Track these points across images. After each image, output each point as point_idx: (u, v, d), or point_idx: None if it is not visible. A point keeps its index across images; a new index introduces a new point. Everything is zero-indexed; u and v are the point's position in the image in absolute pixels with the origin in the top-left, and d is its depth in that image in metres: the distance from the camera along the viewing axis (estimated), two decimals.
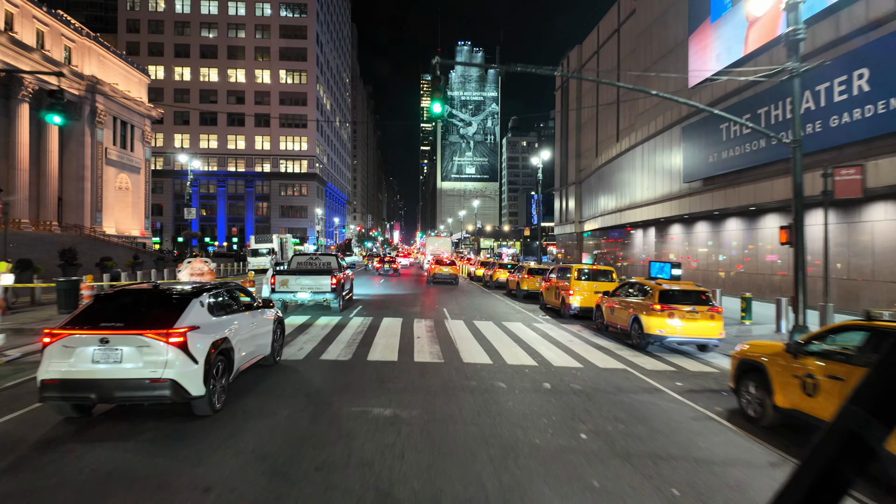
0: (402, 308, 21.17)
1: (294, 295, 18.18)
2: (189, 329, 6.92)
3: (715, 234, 27.15)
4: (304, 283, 18.19)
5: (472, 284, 36.70)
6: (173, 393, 6.67)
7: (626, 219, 35.04)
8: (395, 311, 19.86)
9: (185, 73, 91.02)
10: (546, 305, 22.43)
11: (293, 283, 18.17)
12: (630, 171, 34.27)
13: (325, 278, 18.29)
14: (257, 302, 9.83)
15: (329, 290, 18.31)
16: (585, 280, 19.34)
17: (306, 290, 18.24)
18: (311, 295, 18.23)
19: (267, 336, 9.73)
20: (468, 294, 28.95)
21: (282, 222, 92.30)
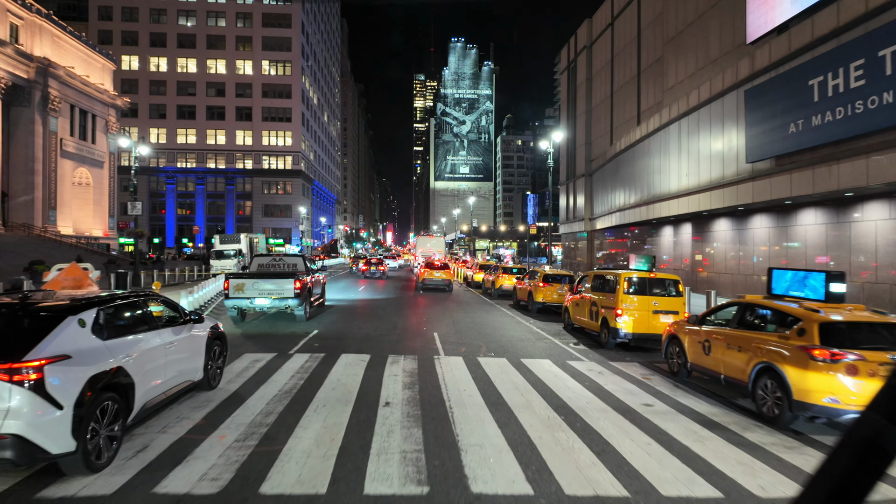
0: (377, 331, 15.00)
1: (251, 301, 15.66)
2: (50, 360, 5.04)
3: (780, 229, 21.11)
4: (262, 288, 15.73)
5: (470, 292, 30.53)
6: (17, 453, 4.74)
7: (653, 213, 28.98)
8: (364, 339, 13.68)
9: (161, 63, 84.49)
10: (572, 325, 16.35)
11: (250, 287, 15.66)
12: (660, 155, 28.18)
13: (287, 282, 15.80)
14: (185, 316, 7.99)
15: (292, 296, 15.78)
16: (637, 294, 13.22)
17: (265, 295, 15.71)
18: (272, 301, 15.72)
19: (196, 357, 7.96)
20: (466, 306, 22.81)
21: (265, 222, 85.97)
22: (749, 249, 22.95)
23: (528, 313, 20.60)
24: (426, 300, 24.73)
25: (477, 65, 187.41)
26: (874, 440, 0.85)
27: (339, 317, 18.49)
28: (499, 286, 26.71)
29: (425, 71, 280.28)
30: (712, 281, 24.91)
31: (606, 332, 13.60)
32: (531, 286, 21.06)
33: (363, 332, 15.01)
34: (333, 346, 12.65)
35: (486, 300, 25.73)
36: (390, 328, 15.76)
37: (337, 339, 13.79)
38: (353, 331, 15.18)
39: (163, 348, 6.94)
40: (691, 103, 24.72)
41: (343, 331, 15.22)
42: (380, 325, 16.43)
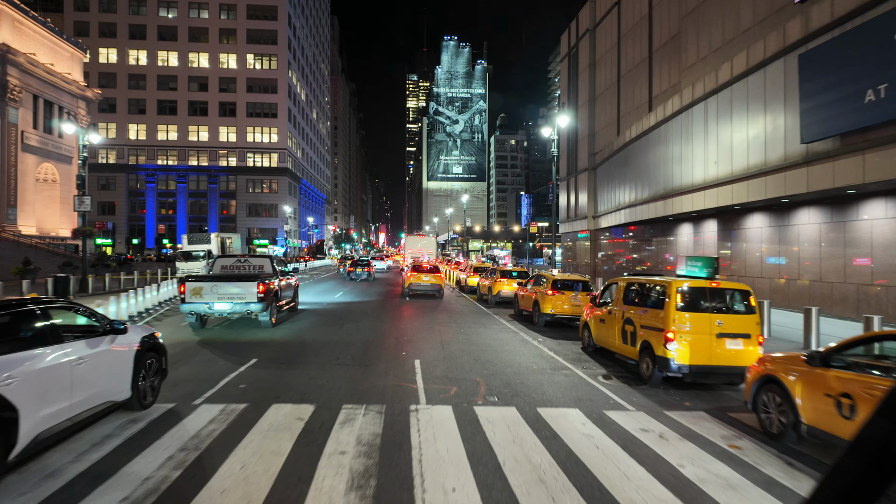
0: (341, 356, 11.20)
1: (210, 306, 14.35)
2: None
3: (835, 225, 17.47)
4: (222, 291, 14.39)
5: (463, 298, 26.78)
6: None
7: (670, 209, 25.32)
8: (318, 372, 9.88)
9: (140, 56, 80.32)
10: (594, 346, 12.66)
11: (209, 291, 14.34)
12: (680, 142, 24.51)
13: (249, 285, 14.46)
14: (106, 326, 6.83)
15: (255, 300, 14.43)
16: (693, 310, 9.54)
17: (226, 299, 14.36)
18: (232, 305, 14.38)
19: (120, 374, 6.86)
20: (458, 317, 19.05)
21: (249, 222, 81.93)
22: (792, 250, 19.29)
23: (534, 327, 16.86)
24: (412, 309, 20.93)
25: (470, 63, 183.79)
26: (884, 445, 0.83)
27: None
28: (496, 292, 22.95)
29: (418, 71, 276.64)
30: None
31: (650, 363, 9.87)
32: (537, 294, 17.31)
33: (322, 356, 11.23)
34: (270, 384, 8.86)
35: (481, 309, 21.97)
36: (359, 352, 11.96)
37: (284, 367, 10.01)
38: (309, 355, 11.38)
39: (68, 366, 5.93)
40: (721, 79, 21.04)
41: (297, 353, 11.43)
42: (349, 344, 12.64)
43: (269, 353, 11.65)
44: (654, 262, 31.51)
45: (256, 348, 12.20)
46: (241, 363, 10.51)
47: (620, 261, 36.94)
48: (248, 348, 12.20)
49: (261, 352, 11.79)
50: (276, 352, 11.89)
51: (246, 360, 10.76)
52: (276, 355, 11.48)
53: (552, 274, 17.73)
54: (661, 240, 30.25)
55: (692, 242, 26.73)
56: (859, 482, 0.85)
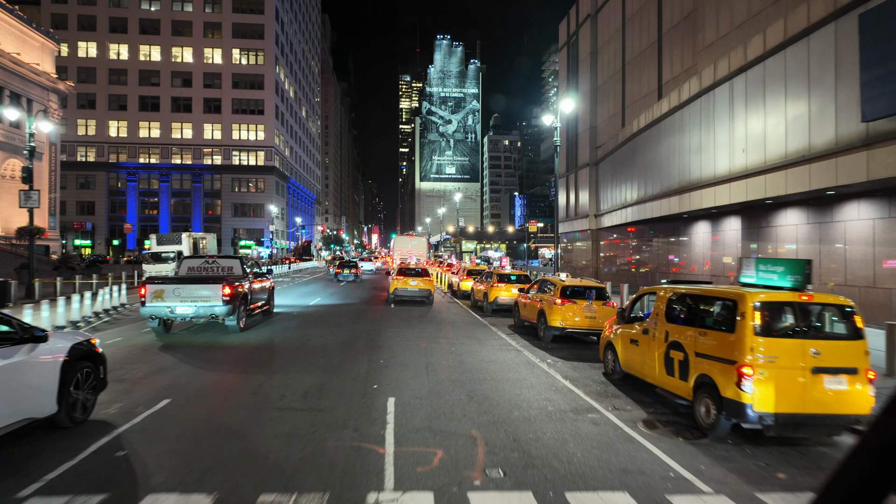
0: (292, 386, 8.34)
1: (172, 309, 13.34)
2: None
3: (893, 222, 14.72)
4: (186, 294, 13.40)
5: (456, 305, 23.97)
6: None
7: (686, 205, 22.59)
8: (250, 418, 7.02)
9: (121, 50, 76.97)
10: (621, 373, 9.92)
11: (171, 293, 13.33)
12: (699, 130, 21.76)
13: (214, 287, 13.46)
14: (24, 334, 6.15)
15: (220, 303, 13.41)
16: (776, 335, 6.81)
17: (188, 302, 13.36)
18: (196, 309, 13.39)
19: (40, 388, 6.15)
20: (450, 330, 16.21)
21: (235, 222, 78.72)
22: (836, 250, 16.55)
23: (540, 343, 14.03)
24: (396, 319, 18.05)
25: (463, 63, 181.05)
26: (891, 444, 0.83)
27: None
28: (493, 298, 20.10)
29: (411, 72, 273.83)
30: None
31: (712, 407, 7.08)
32: (543, 302, 14.48)
33: (263, 393, 8.33)
34: (167, 447, 5.98)
35: (476, 318, 19.11)
36: (315, 386, 9.05)
37: (204, 409, 7.13)
38: (244, 393, 8.48)
39: None
40: (751, 55, 18.30)
41: (233, 388, 8.54)
42: (307, 369, 9.75)
43: (193, 387, 8.74)
44: (665, 264, 28.78)
45: (183, 376, 9.28)
46: (150, 403, 7.61)
47: (624, 262, 34.18)
48: (179, 371, 9.29)
49: (187, 381, 8.88)
50: (202, 383, 8.99)
51: (158, 400, 7.86)
52: (202, 387, 8.58)
53: (560, 279, 14.90)
54: (673, 240, 27.52)
55: (709, 242, 24.00)
56: (867, 481, 0.84)
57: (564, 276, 15.69)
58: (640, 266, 31.75)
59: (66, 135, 74.58)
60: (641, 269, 32.10)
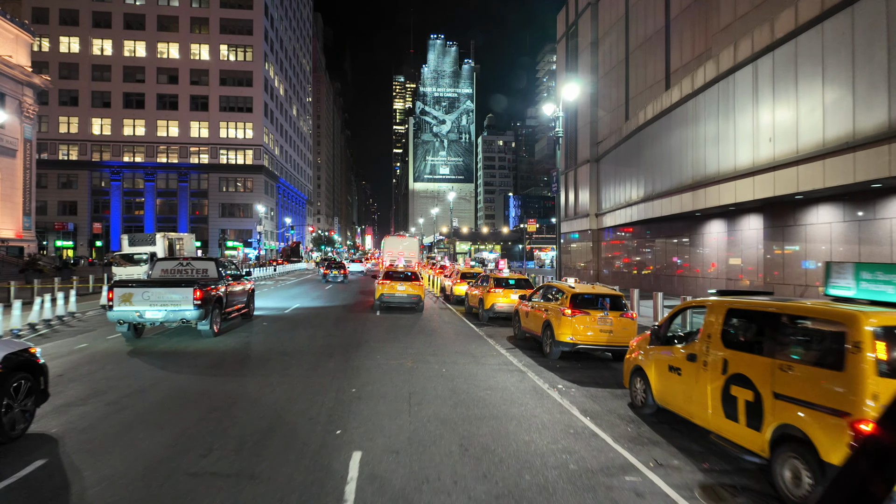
0: (218, 444, 6.14)
1: (141, 314, 12.60)
2: None
3: None
4: (155, 298, 12.71)
5: (448, 312, 21.82)
6: None
7: (699, 202, 20.53)
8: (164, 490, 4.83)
9: (105, 46, 74.43)
10: (654, 405, 7.86)
11: (140, 297, 12.64)
12: (716, 118, 19.68)
13: (185, 291, 12.76)
14: None
15: (191, 307, 12.74)
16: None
17: (158, 306, 12.68)
18: (166, 313, 12.68)
19: None
20: (440, 344, 14.07)
21: (222, 222, 76.28)
22: (881, 252, 14.49)
23: (546, 361, 11.90)
24: (379, 330, 15.87)
25: (457, 63, 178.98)
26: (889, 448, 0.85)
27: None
28: (490, 305, 17.95)
29: (405, 72, 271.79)
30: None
31: (804, 473, 4.98)
32: (549, 312, 12.35)
33: (181, 449, 6.13)
34: None
35: (470, 328, 16.95)
36: (261, 432, 6.86)
37: (80, 483, 4.93)
38: (173, 423, 6.28)
39: None
40: (781, 31, 16.23)
41: (165, 416, 6.35)
42: (253, 406, 7.57)
43: (100, 429, 6.52)
44: (671, 266, 26.73)
45: (99, 409, 7.06)
46: (19, 465, 5.41)
47: (629, 263, 32.10)
48: (104, 399, 7.07)
49: (100, 416, 6.67)
50: (121, 419, 6.77)
51: (31, 460, 5.66)
52: (112, 429, 6.38)
53: (568, 285, 12.76)
54: (683, 240, 25.48)
55: (724, 242, 21.95)
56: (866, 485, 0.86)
57: (573, 282, 13.56)
58: (645, 268, 29.71)
59: (48, 133, 72.05)
60: (643, 270, 30.06)
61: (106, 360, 10.90)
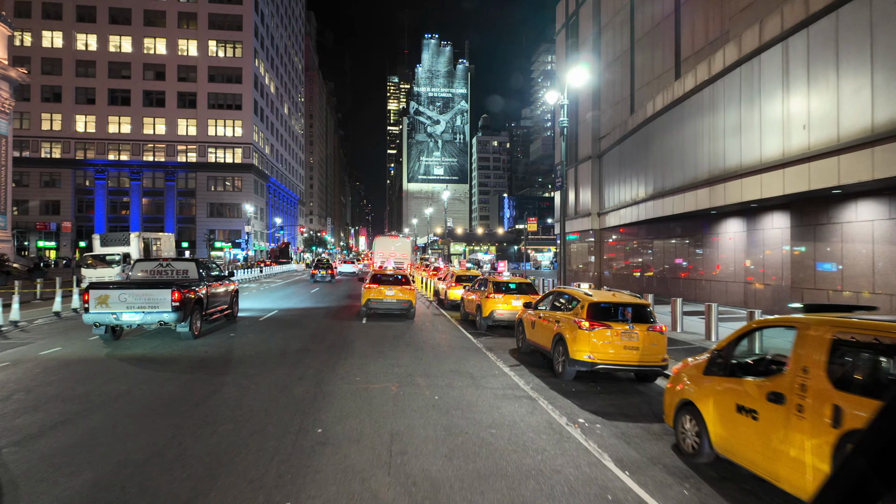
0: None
1: (118, 316, 12.29)
2: None
3: None
4: (132, 300, 12.39)
5: (442, 319, 19.90)
6: None
7: (721, 198, 18.64)
8: None
9: (89, 41, 72.07)
10: (712, 453, 5.91)
11: (116, 299, 12.31)
12: (738, 105, 17.80)
13: (163, 293, 12.45)
14: None
15: (169, 309, 12.45)
16: None
17: (135, 308, 12.37)
18: (143, 315, 12.38)
19: None
20: (433, 361, 12.15)
21: (211, 222, 74.06)
22: None
23: (560, 382, 9.96)
24: (363, 343, 13.89)
25: (451, 63, 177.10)
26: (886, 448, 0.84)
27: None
28: (488, 312, 15.99)
29: (399, 73, 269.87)
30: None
31: None
32: (561, 324, 10.41)
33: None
34: None
35: (468, 339, 14.98)
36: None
37: None
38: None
39: None
40: (817, 3, 14.36)
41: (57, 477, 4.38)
42: (179, 460, 5.59)
43: None
44: (681, 268, 24.88)
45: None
46: None
47: (635, 265, 30.22)
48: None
49: None
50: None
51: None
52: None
53: (583, 292, 10.81)
54: (695, 240, 23.61)
55: (744, 243, 20.09)
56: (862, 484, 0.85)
57: (587, 287, 11.64)
58: (651, 270, 27.85)
59: (30, 130, 69.66)
60: (649, 272, 28.22)
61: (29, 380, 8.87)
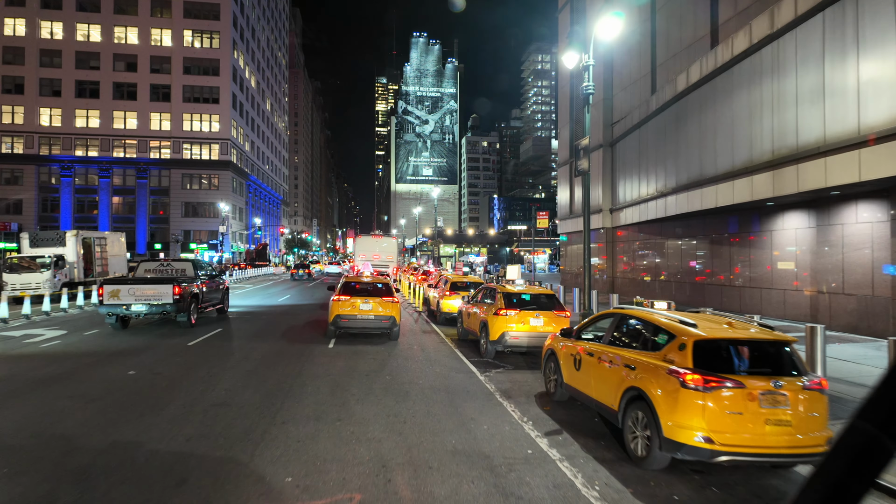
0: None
1: (128, 307, 14.79)
2: None
3: None
4: (140, 293, 14.80)
5: (435, 340, 15.55)
6: None
7: (793, 183, 14.42)
8: None
9: (55, 29, 66.85)
10: None
11: (126, 293, 14.75)
12: (819, 64, 13.55)
13: (165, 287, 14.92)
14: None
15: (170, 302, 14.91)
16: None
17: (142, 301, 14.80)
18: (149, 306, 14.83)
19: None
20: (422, 422, 7.82)
21: (186, 223, 69.17)
22: None
23: (648, 477, 5.62)
24: (319, 386, 9.47)
25: (440, 62, 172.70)
26: (865, 449, 0.83)
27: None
28: (499, 335, 11.64)
29: (387, 74, 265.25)
30: None
31: None
32: (639, 373, 6.10)
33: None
34: None
35: (472, 373, 10.65)
36: None
37: None
38: None
39: None
40: None
41: None
42: None
43: None
44: (720, 273, 20.71)
45: None
46: None
47: (647, 269, 26.03)
48: None
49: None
50: None
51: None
52: None
53: (672, 318, 6.51)
54: (740, 239, 19.44)
55: (811, 241, 15.94)
56: (842, 484, 0.84)
57: (667, 308, 7.36)
58: (679, 275, 23.71)
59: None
60: (672, 277, 24.08)
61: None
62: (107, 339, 13.80)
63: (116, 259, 29.41)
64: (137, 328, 15.94)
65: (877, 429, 0.82)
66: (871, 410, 0.84)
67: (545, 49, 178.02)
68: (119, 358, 11.39)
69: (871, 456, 0.82)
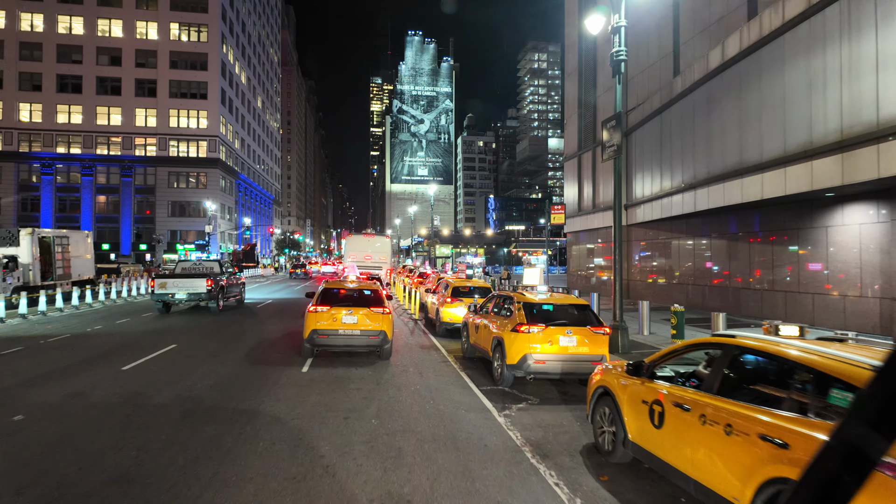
0: None
1: (173, 294, 19.22)
2: None
3: None
4: (180, 285, 19.25)
5: (433, 359, 12.91)
6: None
7: (873, 168, 11.76)
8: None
9: (35, 21, 63.86)
10: None
11: (171, 285, 19.24)
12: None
13: (200, 281, 19.38)
14: None
15: (204, 292, 19.32)
16: None
17: (183, 290, 19.21)
18: (188, 295, 19.22)
19: None
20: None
21: (172, 223, 66.30)
22: None
23: None
24: (280, 432, 6.77)
25: (435, 60, 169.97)
26: (857, 447, 0.83)
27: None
28: (519, 357, 8.96)
29: (382, 74, 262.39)
30: None
31: None
32: (808, 455, 3.33)
33: None
34: None
35: (487, 412, 8.00)
36: None
37: None
38: None
39: None
40: None
41: None
42: None
43: None
44: (763, 276, 18.09)
45: None
46: None
47: (669, 271, 23.39)
48: None
49: None
50: None
51: None
52: None
53: (844, 359, 3.80)
54: (789, 238, 16.82)
55: (882, 240, 13.33)
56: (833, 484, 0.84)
57: (798, 333, 4.73)
58: (711, 278, 21.07)
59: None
60: (701, 281, 21.47)
61: None
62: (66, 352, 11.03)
63: (80, 261, 26.51)
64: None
65: (869, 427, 0.82)
66: (862, 408, 0.84)
67: (542, 48, 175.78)
68: (116, 357, 8.65)
69: (864, 453, 0.82)
